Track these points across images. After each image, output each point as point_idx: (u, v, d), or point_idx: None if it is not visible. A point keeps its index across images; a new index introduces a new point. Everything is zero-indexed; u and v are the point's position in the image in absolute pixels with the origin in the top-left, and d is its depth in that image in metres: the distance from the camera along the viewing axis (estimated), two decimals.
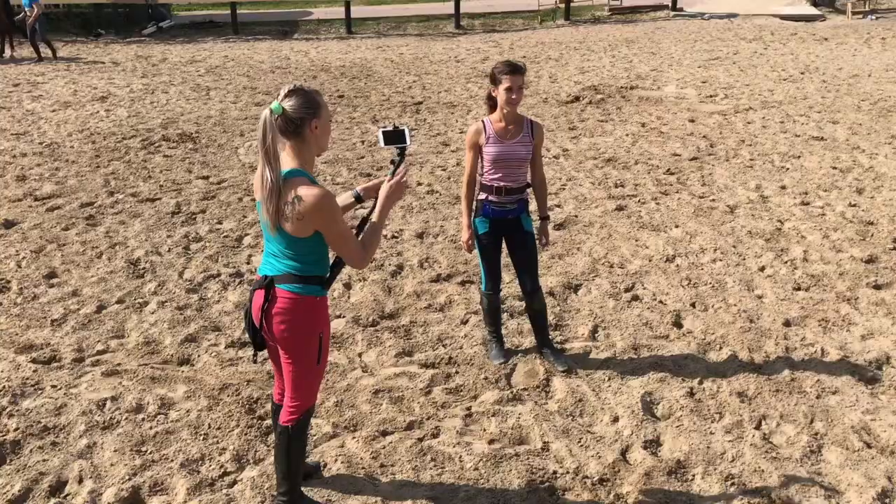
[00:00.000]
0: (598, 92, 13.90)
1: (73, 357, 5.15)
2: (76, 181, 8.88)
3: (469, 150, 4.78)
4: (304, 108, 3.10)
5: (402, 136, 3.53)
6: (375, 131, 10.52)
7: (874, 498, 3.80)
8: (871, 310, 5.77)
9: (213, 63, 17.97)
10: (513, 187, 4.74)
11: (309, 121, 3.12)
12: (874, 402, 4.64)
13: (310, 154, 3.23)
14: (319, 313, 3.36)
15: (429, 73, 16.36)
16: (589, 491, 3.91)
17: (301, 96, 3.11)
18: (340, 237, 3.19)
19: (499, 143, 4.67)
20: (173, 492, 3.89)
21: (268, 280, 3.30)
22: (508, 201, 4.77)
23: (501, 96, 4.58)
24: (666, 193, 8.45)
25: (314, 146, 3.22)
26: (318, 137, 3.19)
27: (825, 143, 10.44)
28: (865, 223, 7.47)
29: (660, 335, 5.46)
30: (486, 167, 4.74)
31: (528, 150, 4.73)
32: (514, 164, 4.70)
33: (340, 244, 3.21)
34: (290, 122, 3.09)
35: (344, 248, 3.22)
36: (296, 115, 3.09)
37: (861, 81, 14.69)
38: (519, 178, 4.76)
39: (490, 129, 4.69)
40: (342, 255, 3.26)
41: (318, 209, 3.08)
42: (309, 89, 3.17)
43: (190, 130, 11.29)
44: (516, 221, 4.85)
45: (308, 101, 3.12)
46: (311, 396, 3.51)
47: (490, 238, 4.87)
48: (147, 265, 6.63)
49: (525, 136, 4.71)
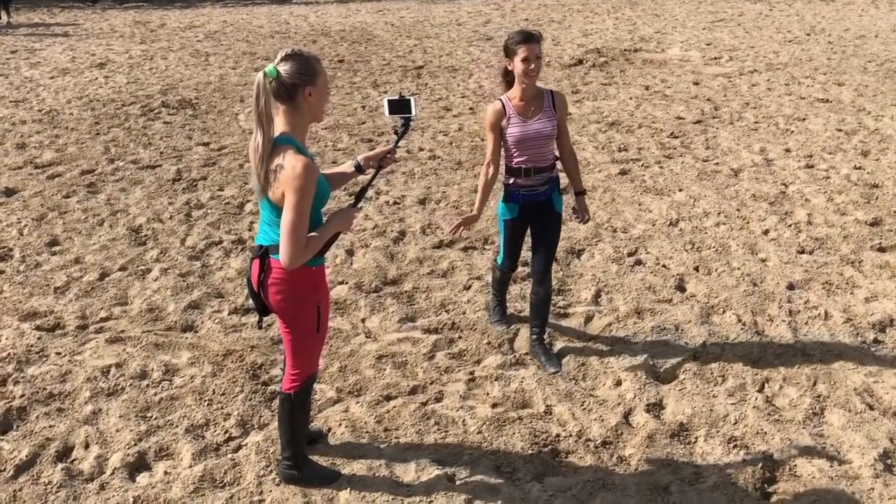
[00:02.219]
0: (602, 55, 13.76)
1: (77, 324, 5.16)
2: (76, 148, 8.83)
3: (490, 132, 4.39)
4: (299, 74, 3.00)
5: (408, 106, 3.38)
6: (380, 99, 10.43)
7: (876, 459, 3.81)
8: (875, 273, 5.75)
9: (212, 28, 17.80)
10: (541, 166, 4.41)
11: (303, 87, 3.02)
12: (877, 364, 4.64)
13: (302, 121, 3.13)
14: (315, 283, 3.29)
15: (430, 37, 16.20)
16: (592, 454, 3.93)
17: (297, 61, 3.01)
18: (295, 217, 2.98)
19: (521, 123, 4.31)
20: (178, 457, 3.92)
21: (262, 250, 3.24)
22: (538, 182, 4.44)
23: (518, 68, 4.21)
24: (670, 157, 8.39)
25: (307, 114, 3.12)
26: (312, 105, 3.09)
27: (830, 105, 10.35)
28: (870, 186, 7.43)
29: (663, 299, 5.45)
30: (511, 150, 4.38)
31: (554, 125, 4.35)
32: (540, 142, 4.34)
33: (289, 225, 2.98)
34: (283, 87, 3.00)
35: (289, 232, 2.99)
36: (289, 80, 2.99)
37: (868, 42, 14.52)
38: (547, 155, 4.41)
39: (510, 108, 4.32)
40: (282, 238, 3.01)
41: (293, 177, 2.95)
42: (307, 54, 3.05)
43: (189, 97, 11.21)
44: (547, 202, 4.53)
45: (304, 67, 3.01)
46: (312, 364, 3.48)
47: (517, 224, 4.60)
48: (149, 232, 6.61)
49: (547, 110, 4.34)
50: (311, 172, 2.97)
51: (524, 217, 4.57)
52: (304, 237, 3.00)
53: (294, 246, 2.99)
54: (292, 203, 2.96)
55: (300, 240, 2.99)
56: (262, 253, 3.23)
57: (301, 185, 2.95)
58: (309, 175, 2.96)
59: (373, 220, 6.83)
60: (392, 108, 3.41)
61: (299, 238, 2.99)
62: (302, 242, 3.00)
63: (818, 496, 3.60)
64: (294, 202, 2.96)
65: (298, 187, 2.95)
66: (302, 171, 2.95)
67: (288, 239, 2.98)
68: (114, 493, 3.66)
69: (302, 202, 2.97)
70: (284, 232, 2.98)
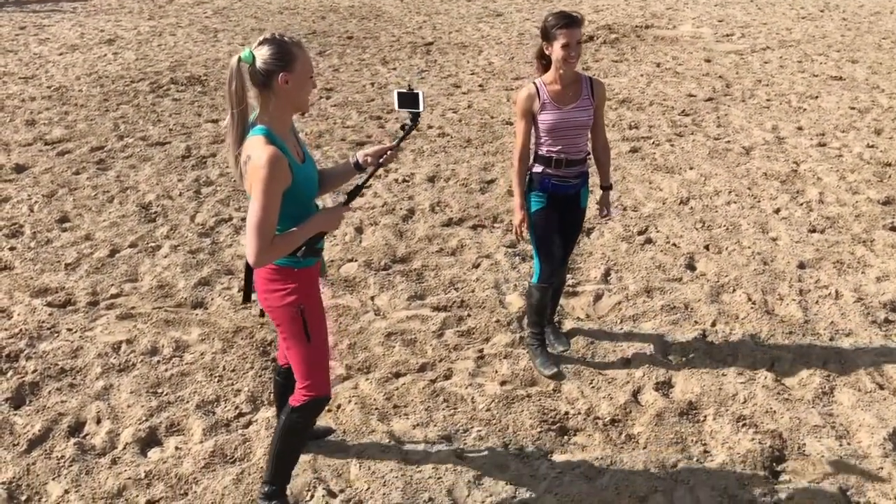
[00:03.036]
0: (613, 31, 13.63)
1: (88, 301, 5.19)
2: (85, 125, 8.83)
3: (521, 119, 4.11)
4: (274, 59, 2.79)
5: (416, 101, 3.21)
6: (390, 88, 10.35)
7: (885, 438, 3.81)
8: (886, 252, 5.72)
9: (221, 4, 17.71)
10: (574, 159, 4.14)
11: (277, 74, 2.80)
12: (887, 343, 4.63)
13: (280, 110, 2.89)
14: (299, 284, 3.04)
15: (439, 13, 16.08)
16: (600, 431, 3.94)
17: (273, 45, 2.81)
18: (259, 212, 2.73)
19: (556, 110, 4.03)
20: (189, 432, 3.95)
21: None
22: (570, 174, 4.17)
23: (557, 54, 3.91)
24: (681, 135, 8.34)
25: (287, 103, 2.88)
26: (290, 93, 2.85)
27: (844, 82, 10.24)
28: (883, 164, 7.36)
29: (673, 278, 5.44)
30: (543, 137, 4.11)
31: (590, 114, 4.09)
32: (574, 132, 4.08)
33: (252, 220, 2.74)
34: (258, 73, 2.80)
35: (252, 227, 2.75)
36: (264, 65, 2.79)
37: (882, 19, 14.34)
38: (580, 147, 4.14)
39: (544, 93, 4.04)
40: (248, 231, 2.77)
41: (256, 168, 2.72)
42: (286, 40, 2.84)
43: (198, 73, 11.17)
44: (574, 197, 4.29)
45: (280, 52, 2.80)
46: (319, 384, 3.19)
47: (547, 216, 4.22)
48: (159, 209, 6.62)
49: (585, 98, 4.07)
50: (275, 163, 2.73)
51: (552, 209, 4.23)
52: (269, 234, 2.76)
53: (258, 243, 2.75)
54: (256, 196, 2.74)
55: (264, 237, 2.76)
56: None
57: (264, 175, 2.72)
58: (273, 166, 2.73)
59: (382, 197, 6.82)
60: (402, 101, 3.25)
61: (263, 235, 2.75)
62: (266, 239, 2.76)
63: (827, 475, 3.61)
64: (258, 196, 2.73)
65: (261, 178, 2.72)
66: (266, 162, 2.72)
67: (251, 235, 2.75)
68: (125, 467, 3.69)
69: (266, 196, 2.73)
70: (248, 227, 2.76)
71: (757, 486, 3.56)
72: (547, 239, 4.26)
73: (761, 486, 3.56)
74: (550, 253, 4.27)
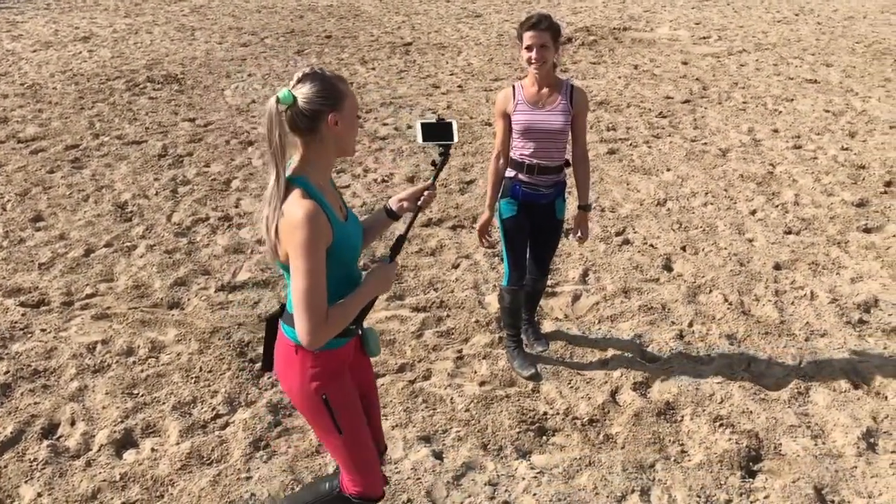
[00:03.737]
0: (591, 33, 13.70)
1: (62, 300, 5.12)
2: (60, 123, 8.72)
3: (498, 119, 4.10)
4: (321, 98, 2.37)
5: (449, 131, 2.80)
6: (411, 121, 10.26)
7: (859, 437, 3.86)
8: (860, 253, 5.79)
9: (198, 2, 17.57)
10: (547, 166, 4.06)
11: (326, 114, 2.37)
12: (861, 344, 4.68)
13: (325, 157, 2.46)
14: (325, 370, 2.55)
15: (418, 13, 16.07)
16: (578, 431, 3.95)
17: (317, 82, 2.37)
18: (305, 282, 2.27)
19: (529, 111, 4.00)
20: (165, 434, 3.91)
21: (274, 311, 2.66)
22: (542, 183, 4.10)
23: (523, 55, 3.93)
24: (658, 137, 8.39)
25: (333, 147, 2.45)
26: (338, 136, 2.42)
27: (818, 85, 10.36)
28: (857, 167, 7.45)
29: (650, 278, 5.46)
30: (516, 139, 4.07)
31: (565, 121, 4.00)
32: (548, 136, 4.00)
33: (300, 294, 2.28)
34: (301, 116, 2.36)
35: (301, 303, 2.28)
36: (309, 105, 2.35)
37: (856, 23, 14.53)
38: (554, 154, 4.05)
39: (520, 94, 4.03)
40: (295, 307, 2.30)
41: (292, 229, 2.28)
42: (329, 74, 2.42)
43: (175, 72, 11.08)
44: (549, 207, 4.21)
45: (326, 89, 2.38)
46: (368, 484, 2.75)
47: (517, 224, 4.19)
48: (134, 208, 6.55)
49: (562, 103, 3.99)
50: (314, 218, 2.27)
51: (523, 217, 4.19)
52: (322, 305, 2.29)
53: (311, 320, 2.28)
54: (298, 265, 2.27)
55: (317, 310, 2.28)
56: (271, 316, 2.65)
57: (304, 238, 2.26)
58: (312, 221, 2.26)
59: (361, 197, 6.80)
60: (427, 133, 2.82)
61: (316, 307, 2.28)
62: (320, 313, 2.29)
63: (802, 474, 3.64)
64: (299, 263, 2.27)
65: (301, 242, 2.26)
66: (303, 219, 2.25)
67: (300, 311, 2.28)
68: (100, 469, 3.65)
69: (310, 258, 2.26)
70: (296, 303, 2.29)
71: (734, 485, 3.59)
72: (516, 246, 4.25)
73: (738, 485, 3.59)
74: (518, 260, 4.27)
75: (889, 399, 4.18)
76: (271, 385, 4.28)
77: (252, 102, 9.60)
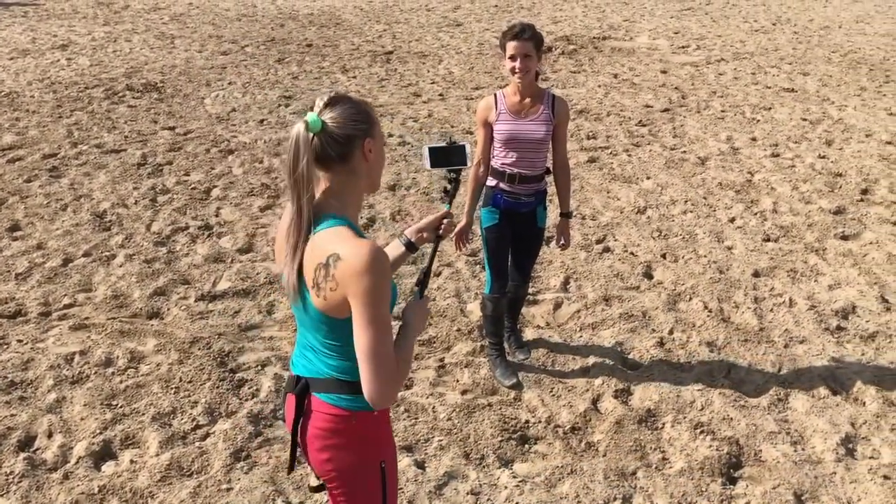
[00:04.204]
0: (571, 42, 13.78)
1: (40, 311, 5.07)
2: (38, 132, 8.65)
3: (480, 127, 4.12)
4: (354, 122, 2.09)
5: (461, 155, 2.60)
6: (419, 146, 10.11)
7: (838, 443, 3.89)
8: (838, 260, 5.85)
9: (178, 11, 17.51)
10: (528, 175, 4.08)
11: (361, 140, 2.10)
12: (840, 350, 4.73)
13: (356, 192, 2.18)
14: (379, 433, 2.26)
15: (399, 22, 16.10)
16: (560, 440, 3.95)
17: (348, 105, 2.11)
18: (375, 334, 1.98)
19: (511, 121, 4.01)
20: (145, 445, 3.87)
21: (302, 383, 2.24)
22: (523, 192, 4.12)
23: (506, 66, 3.94)
24: (638, 145, 8.44)
25: (363, 180, 2.17)
26: (370, 167, 2.16)
27: (796, 94, 10.48)
28: (834, 174, 7.54)
29: (631, 286, 5.49)
30: (498, 149, 4.09)
31: (547, 130, 4.02)
32: (530, 146, 4.03)
33: (370, 346, 1.98)
34: (333, 142, 2.06)
35: (372, 356, 1.98)
36: (342, 130, 2.07)
37: (832, 33, 14.72)
38: (536, 163, 4.08)
39: (502, 103, 4.04)
40: (364, 361, 1.99)
41: (361, 274, 1.97)
42: (356, 98, 2.17)
43: (155, 80, 11.02)
44: (530, 215, 4.23)
45: (359, 112, 2.11)
46: None
47: (499, 233, 4.20)
48: (113, 218, 6.50)
49: (544, 113, 4.01)
50: (382, 262, 2.00)
51: (505, 225, 4.20)
52: (392, 357, 2.01)
53: (384, 374, 1.99)
54: (366, 313, 1.98)
55: (389, 362, 2.00)
56: (301, 388, 2.23)
57: (373, 283, 1.97)
58: (381, 266, 2.00)
59: None
60: (436, 158, 2.60)
61: (388, 361, 2.00)
62: (392, 365, 2.01)
63: (782, 480, 3.66)
64: (368, 311, 1.99)
65: (369, 288, 1.97)
66: (371, 263, 1.98)
67: (373, 366, 1.98)
68: (78, 482, 3.61)
69: (379, 308, 1.99)
70: (366, 357, 1.99)
71: (714, 492, 3.60)
72: (498, 255, 4.26)
73: (719, 492, 3.60)
74: (500, 268, 4.28)
75: (867, 405, 4.22)
76: (252, 395, 4.26)
77: (232, 111, 9.57)
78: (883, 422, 4.08)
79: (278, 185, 7.24)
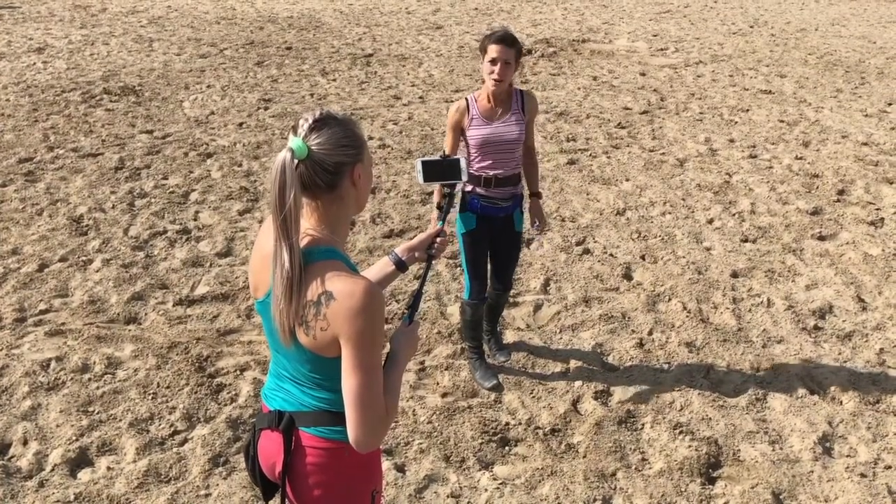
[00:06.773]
0: (550, 45, 13.82)
1: (15, 317, 5.00)
2: (13, 136, 8.55)
3: (450, 132, 4.05)
4: (344, 148, 1.96)
5: (455, 169, 2.49)
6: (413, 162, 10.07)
7: (816, 442, 3.92)
8: (815, 261, 5.90)
9: (156, 14, 17.39)
10: (504, 176, 4.05)
11: (350, 167, 1.97)
12: (817, 350, 4.76)
13: (344, 219, 2.05)
14: (370, 465, 2.16)
15: (379, 25, 16.08)
16: (541, 441, 3.95)
17: (336, 128, 1.96)
18: (365, 378, 1.87)
19: (485, 125, 3.98)
20: (122, 451, 3.83)
21: (285, 419, 2.08)
22: (500, 196, 4.09)
23: (485, 68, 3.88)
24: (617, 147, 8.48)
25: (352, 205, 2.04)
26: (359, 192, 2.03)
27: (773, 96, 10.56)
28: (811, 176, 7.61)
29: (610, 287, 5.51)
30: (472, 154, 4.04)
31: (521, 129, 4.02)
32: (505, 147, 4.00)
33: (359, 391, 1.87)
34: (321, 171, 1.92)
35: (361, 401, 1.87)
36: (330, 158, 1.93)
37: (808, 35, 14.87)
38: (511, 163, 4.06)
39: (475, 108, 4.00)
40: (350, 405, 1.88)
41: (353, 314, 1.85)
42: (342, 116, 2.02)
43: (132, 83, 10.94)
44: (507, 220, 4.21)
45: (348, 136, 1.97)
46: None
47: (476, 237, 4.17)
48: (90, 222, 6.44)
49: (515, 112, 4.01)
50: (377, 303, 1.87)
51: (483, 230, 4.17)
52: (381, 402, 1.90)
53: (371, 421, 1.88)
54: (356, 356, 1.86)
55: (377, 408, 1.89)
56: (286, 425, 2.08)
57: (366, 326, 1.85)
58: (376, 308, 1.86)
59: None
60: (429, 172, 2.49)
61: (376, 406, 1.88)
62: (380, 410, 1.89)
63: (761, 480, 3.69)
64: (359, 355, 1.86)
65: (363, 330, 1.85)
66: (365, 305, 1.85)
67: (359, 412, 1.87)
68: (54, 490, 3.56)
69: (372, 352, 1.88)
70: (352, 403, 1.87)
71: (694, 492, 3.62)
72: (476, 259, 4.23)
73: (698, 492, 3.62)
74: (479, 273, 4.26)
75: (844, 404, 4.26)
76: (230, 400, 4.23)
77: (211, 114, 9.51)
78: (860, 420, 4.12)
79: (257, 188, 7.21)
